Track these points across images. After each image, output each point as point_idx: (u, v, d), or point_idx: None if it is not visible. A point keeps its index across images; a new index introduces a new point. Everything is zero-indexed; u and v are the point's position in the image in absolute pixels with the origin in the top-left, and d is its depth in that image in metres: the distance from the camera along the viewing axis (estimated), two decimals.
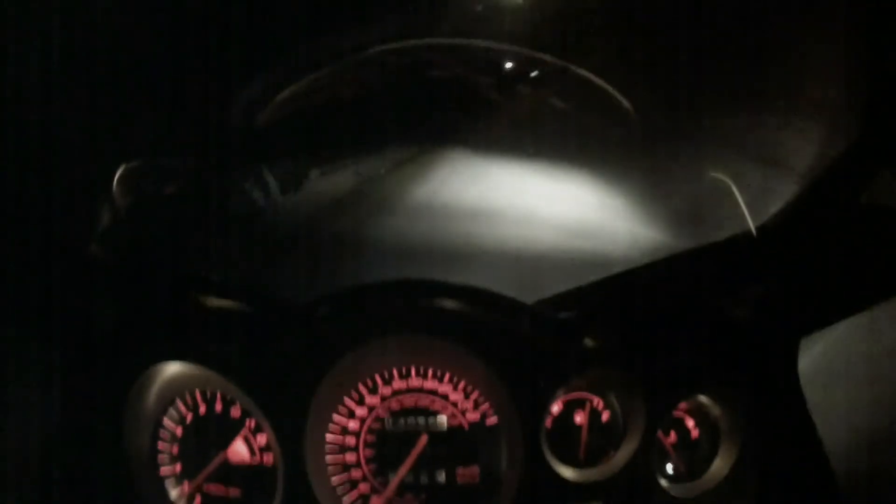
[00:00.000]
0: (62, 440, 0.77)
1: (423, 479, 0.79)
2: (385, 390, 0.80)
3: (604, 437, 0.81)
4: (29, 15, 0.82)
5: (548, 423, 0.80)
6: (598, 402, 0.82)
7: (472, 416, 0.80)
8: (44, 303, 0.78)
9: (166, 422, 0.80)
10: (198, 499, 0.80)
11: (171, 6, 0.95)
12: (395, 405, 0.81)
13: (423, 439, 0.79)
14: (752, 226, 0.86)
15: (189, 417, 0.81)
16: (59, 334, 0.78)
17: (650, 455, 0.78)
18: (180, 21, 0.94)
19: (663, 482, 0.79)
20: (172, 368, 0.79)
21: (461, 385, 0.81)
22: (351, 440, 0.80)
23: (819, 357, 0.79)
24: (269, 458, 0.79)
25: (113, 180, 0.91)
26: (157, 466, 0.79)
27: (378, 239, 1.03)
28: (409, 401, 0.81)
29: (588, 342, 0.78)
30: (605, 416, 0.82)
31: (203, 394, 0.81)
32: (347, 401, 0.80)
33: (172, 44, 0.96)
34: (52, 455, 0.77)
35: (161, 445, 0.80)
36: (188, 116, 1.01)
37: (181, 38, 0.96)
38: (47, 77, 0.83)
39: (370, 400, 0.80)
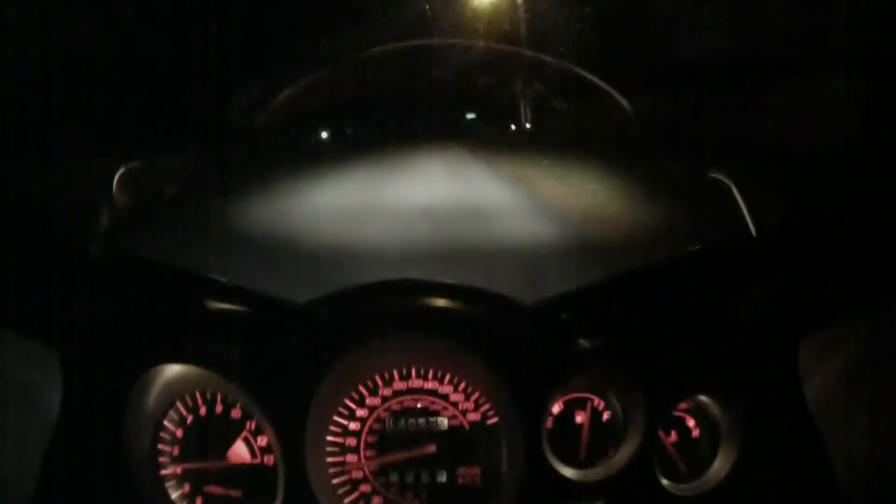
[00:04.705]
0: (62, 440, 0.76)
1: (425, 480, 0.79)
2: (386, 391, 0.80)
3: (604, 437, 0.81)
4: (30, 14, 0.82)
5: (548, 422, 0.80)
6: (598, 401, 0.82)
7: (473, 416, 0.80)
8: (44, 303, 0.78)
9: (167, 423, 0.80)
10: (199, 500, 0.80)
11: (172, 6, 0.95)
12: (395, 406, 0.80)
13: (432, 447, 0.79)
14: (752, 226, 0.86)
15: (190, 419, 0.80)
16: (59, 334, 0.78)
17: (651, 455, 0.78)
18: (180, 21, 0.94)
19: (664, 482, 0.79)
20: (173, 370, 0.79)
21: (462, 385, 0.80)
22: (352, 441, 0.80)
23: (819, 359, 0.79)
24: (269, 459, 0.79)
25: (113, 180, 0.91)
26: (157, 468, 0.79)
27: (378, 239, 1.03)
28: (409, 401, 0.81)
29: (588, 342, 0.78)
30: (605, 416, 0.82)
31: (203, 395, 0.80)
32: (348, 401, 0.80)
33: (172, 44, 0.96)
34: (52, 455, 0.76)
35: (162, 447, 0.80)
36: (188, 116, 1.01)
37: (181, 38, 0.96)
38: (48, 77, 0.83)
39: (371, 400, 0.80)
